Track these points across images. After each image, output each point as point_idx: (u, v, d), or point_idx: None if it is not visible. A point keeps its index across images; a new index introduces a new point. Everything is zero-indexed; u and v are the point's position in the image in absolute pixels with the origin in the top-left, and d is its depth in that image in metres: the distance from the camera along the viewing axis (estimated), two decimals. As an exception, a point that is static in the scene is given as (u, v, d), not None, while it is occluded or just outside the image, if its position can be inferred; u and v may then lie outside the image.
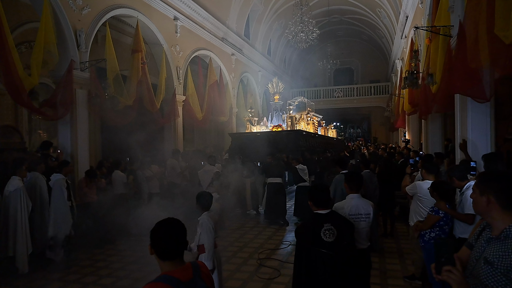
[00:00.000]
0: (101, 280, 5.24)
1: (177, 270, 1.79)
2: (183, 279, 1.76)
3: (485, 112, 5.61)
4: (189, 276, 1.80)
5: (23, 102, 6.75)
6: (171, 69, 11.56)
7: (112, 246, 6.82)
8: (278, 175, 8.83)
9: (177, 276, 1.76)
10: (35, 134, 10.10)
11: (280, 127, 13.58)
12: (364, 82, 26.83)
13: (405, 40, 13.80)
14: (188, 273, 1.81)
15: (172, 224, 1.88)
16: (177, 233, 1.85)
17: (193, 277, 1.82)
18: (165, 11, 11.37)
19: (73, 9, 7.88)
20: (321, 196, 3.06)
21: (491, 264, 1.65)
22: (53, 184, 5.69)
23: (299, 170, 8.67)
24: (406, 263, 5.67)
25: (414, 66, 7.77)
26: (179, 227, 1.88)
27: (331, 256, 2.84)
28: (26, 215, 5.35)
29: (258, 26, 19.16)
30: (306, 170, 8.72)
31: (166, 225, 1.88)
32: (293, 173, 9.01)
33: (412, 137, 13.70)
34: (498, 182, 1.74)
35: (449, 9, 6.25)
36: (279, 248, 6.61)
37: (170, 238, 1.82)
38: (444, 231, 3.89)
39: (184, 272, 1.80)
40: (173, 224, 1.88)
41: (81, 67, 7.98)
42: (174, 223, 1.89)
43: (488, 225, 1.83)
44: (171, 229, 1.86)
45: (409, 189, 4.66)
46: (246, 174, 9.50)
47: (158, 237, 1.84)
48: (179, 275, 1.77)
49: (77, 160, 7.80)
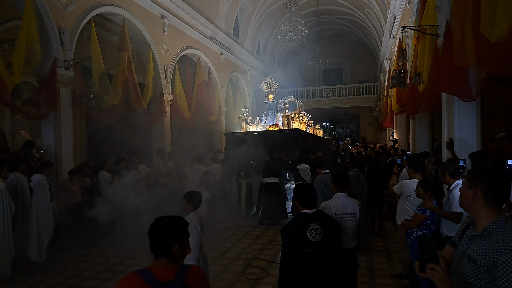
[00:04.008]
0: (85, 282, 5.12)
1: (159, 268, 1.79)
2: (162, 278, 1.75)
3: (471, 111, 5.65)
4: (169, 278, 1.77)
5: (5, 101, 6.60)
6: (158, 68, 11.43)
7: (96, 247, 6.70)
8: (276, 175, 8.75)
9: (156, 274, 1.76)
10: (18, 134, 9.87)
11: (277, 126, 13.56)
12: (353, 82, 26.99)
13: (393, 40, 13.91)
14: (169, 274, 1.78)
15: (161, 222, 1.89)
16: (160, 232, 1.85)
17: (174, 279, 1.77)
18: (152, 9, 11.23)
19: (57, 6, 7.72)
20: (307, 195, 3.02)
21: (475, 262, 1.64)
22: (34, 185, 5.55)
23: (300, 170, 8.59)
24: (393, 262, 5.67)
25: (401, 66, 7.80)
26: (166, 226, 1.87)
27: (317, 255, 2.80)
28: (9, 217, 5.21)
29: (247, 25, 19.11)
30: (308, 170, 8.62)
31: (156, 222, 1.90)
32: (294, 173, 8.91)
33: (400, 136, 13.80)
34: (487, 177, 1.74)
35: (436, 9, 6.28)
36: (267, 248, 6.57)
37: (153, 236, 1.84)
38: (431, 230, 3.90)
39: (166, 272, 1.78)
40: (162, 222, 1.89)
41: (65, 65, 7.82)
42: (163, 222, 1.90)
43: (472, 222, 1.82)
44: (156, 227, 1.86)
45: (396, 188, 4.67)
46: (242, 175, 9.43)
47: (148, 233, 1.87)
48: (158, 273, 1.76)
49: (61, 160, 7.65)
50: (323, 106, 25.08)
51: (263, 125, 14.18)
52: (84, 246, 6.54)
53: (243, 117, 14.46)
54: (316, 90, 25.92)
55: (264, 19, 19.90)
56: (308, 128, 15.69)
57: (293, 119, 13.77)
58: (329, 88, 25.69)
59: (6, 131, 8.98)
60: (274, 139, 11.03)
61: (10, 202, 5.23)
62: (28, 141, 7.08)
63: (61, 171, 7.52)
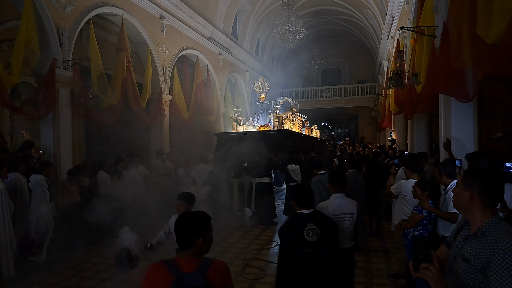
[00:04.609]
0: (84, 282, 5.14)
1: (184, 260, 1.92)
2: (185, 269, 1.87)
3: (468, 111, 5.69)
4: (192, 269, 1.88)
5: (4, 102, 6.61)
6: (157, 69, 11.44)
7: (95, 247, 6.71)
8: (266, 175, 8.79)
9: (181, 264, 1.89)
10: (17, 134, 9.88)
11: (267, 126, 13.55)
12: (351, 82, 27.02)
13: (391, 41, 13.94)
14: (192, 266, 1.89)
15: (186, 217, 2.04)
16: (185, 226, 1.99)
17: (196, 270, 1.88)
18: (151, 10, 11.24)
19: (56, 7, 7.72)
20: (304, 195, 3.04)
21: (468, 261, 1.66)
22: (33, 185, 5.56)
23: (290, 171, 8.62)
24: (391, 262, 5.71)
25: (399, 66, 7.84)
26: (189, 221, 2.01)
27: (314, 255, 2.82)
28: (9, 217, 5.21)
29: (246, 26, 19.13)
30: (298, 170, 8.66)
31: (182, 217, 2.04)
32: (284, 174, 8.95)
33: (398, 137, 13.85)
34: (483, 179, 1.76)
35: (434, 10, 6.31)
36: (265, 248, 6.59)
37: (178, 230, 2.00)
38: (428, 230, 3.93)
39: (190, 264, 1.90)
40: (187, 217, 2.03)
41: (64, 66, 7.83)
42: (188, 217, 2.04)
43: (466, 223, 1.84)
44: (182, 222, 2.01)
45: (393, 189, 4.70)
46: (233, 174, 9.45)
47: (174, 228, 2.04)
48: (183, 264, 1.89)
49: (60, 160, 7.66)
50: (321, 106, 25.11)
51: (253, 126, 14.17)
52: (82, 246, 6.54)
53: (233, 117, 14.47)
54: (314, 90, 25.95)
55: (263, 20, 19.92)
56: (303, 129, 15.68)
57: (285, 119, 13.71)
58: (327, 88, 25.72)
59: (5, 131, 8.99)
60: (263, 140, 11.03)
61: (9, 202, 5.24)
62: (27, 141, 7.10)
63: (60, 171, 7.53)
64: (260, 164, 8.89)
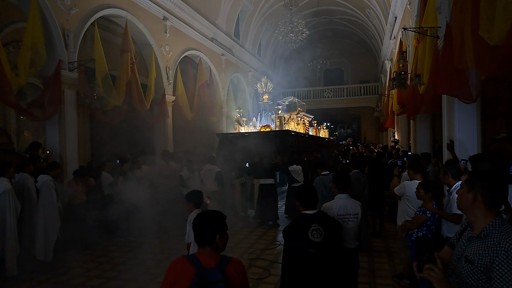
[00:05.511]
0: (90, 281, 5.20)
1: (204, 255, 2.04)
2: (205, 264, 1.99)
3: (471, 112, 5.69)
4: (211, 265, 1.99)
5: (11, 103, 6.68)
6: (160, 70, 11.51)
7: (101, 247, 6.78)
8: (270, 176, 8.81)
9: (201, 260, 2.01)
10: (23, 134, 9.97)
11: (268, 127, 13.54)
12: (354, 82, 26.99)
13: (394, 41, 13.94)
14: (211, 262, 2.01)
15: (204, 216, 2.14)
16: (204, 224, 2.09)
17: (215, 266, 1.99)
18: (154, 11, 11.31)
19: (61, 9, 7.79)
20: (308, 196, 3.08)
21: (472, 263, 1.69)
22: (40, 185, 5.63)
23: (292, 171, 8.63)
24: (394, 263, 5.73)
25: (402, 67, 7.86)
26: (207, 218, 2.12)
27: (319, 256, 2.86)
28: (15, 217, 5.29)
29: (248, 26, 19.17)
30: (300, 171, 8.67)
31: (200, 216, 2.16)
32: (287, 175, 8.98)
33: (401, 137, 13.83)
34: (487, 181, 1.77)
35: (436, 10, 6.32)
36: (269, 248, 6.63)
37: (197, 228, 2.10)
38: (431, 231, 3.94)
39: (209, 259, 2.02)
40: (205, 216, 2.14)
41: (69, 67, 7.90)
42: (205, 215, 2.15)
43: (470, 224, 1.87)
44: (200, 220, 2.12)
45: (397, 190, 4.71)
46: (234, 175, 9.49)
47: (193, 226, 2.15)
48: (203, 259, 2.01)
49: (66, 161, 7.73)
50: (324, 106, 25.10)
51: (255, 126, 14.16)
52: (88, 245, 6.62)
53: (235, 118, 14.51)
54: (317, 90, 25.95)
55: (265, 20, 19.96)
56: (309, 129, 15.65)
57: (287, 120, 13.68)
58: (330, 88, 25.70)
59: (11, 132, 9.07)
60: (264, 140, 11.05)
61: (16, 202, 5.31)
62: (34, 142, 7.16)
63: (66, 172, 7.60)
64: (261, 165, 8.91)
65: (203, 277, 1.93)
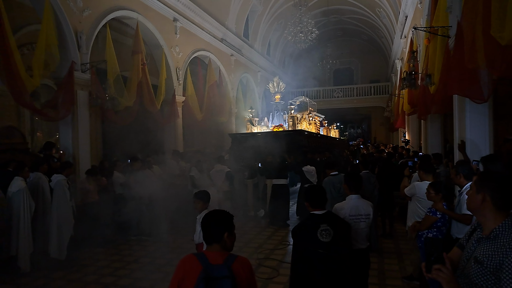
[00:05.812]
0: (102, 278, 5.29)
1: (211, 253, 2.09)
2: (212, 261, 2.03)
3: (483, 112, 5.62)
4: (219, 262, 2.04)
5: (25, 103, 6.82)
6: (170, 70, 11.62)
7: (113, 245, 6.88)
8: (283, 176, 8.77)
9: (208, 257, 2.06)
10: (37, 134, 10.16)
11: (281, 127, 13.53)
12: (364, 82, 26.80)
13: (405, 40, 13.83)
14: (219, 259, 2.05)
15: (212, 214, 2.20)
16: (212, 222, 2.16)
17: (222, 263, 2.03)
18: (165, 13, 11.42)
19: (74, 11, 7.93)
20: (317, 196, 3.10)
21: (481, 263, 1.69)
22: (54, 184, 5.75)
23: (305, 172, 8.57)
24: (404, 264, 5.71)
25: (412, 67, 7.81)
26: (215, 216, 2.18)
27: (328, 256, 2.88)
28: (29, 215, 5.44)
29: (257, 26, 19.20)
30: (314, 171, 8.60)
31: (208, 215, 2.21)
32: (300, 175, 8.95)
33: (412, 137, 13.72)
34: (496, 182, 1.77)
35: (447, 10, 6.26)
36: (278, 248, 6.65)
37: (206, 226, 2.17)
38: (442, 232, 3.92)
39: (216, 257, 2.06)
40: (213, 215, 2.19)
41: (82, 69, 8.04)
42: (213, 214, 2.20)
43: (479, 225, 1.87)
44: (209, 219, 2.18)
45: (407, 191, 4.69)
46: (247, 175, 9.51)
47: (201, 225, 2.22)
48: (210, 256, 2.06)
49: (78, 160, 7.87)
50: (333, 106, 24.97)
51: (267, 126, 14.17)
52: (101, 243, 6.72)
53: (248, 118, 14.52)
54: (326, 90, 25.84)
55: (275, 20, 19.96)
56: (321, 129, 15.59)
57: (300, 119, 13.65)
58: (339, 88, 25.57)
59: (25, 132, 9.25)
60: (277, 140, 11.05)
61: (30, 201, 5.46)
62: (48, 142, 7.30)
63: (79, 171, 7.73)
64: (274, 165, 8.90)
65: (209, 273, 1.97)
